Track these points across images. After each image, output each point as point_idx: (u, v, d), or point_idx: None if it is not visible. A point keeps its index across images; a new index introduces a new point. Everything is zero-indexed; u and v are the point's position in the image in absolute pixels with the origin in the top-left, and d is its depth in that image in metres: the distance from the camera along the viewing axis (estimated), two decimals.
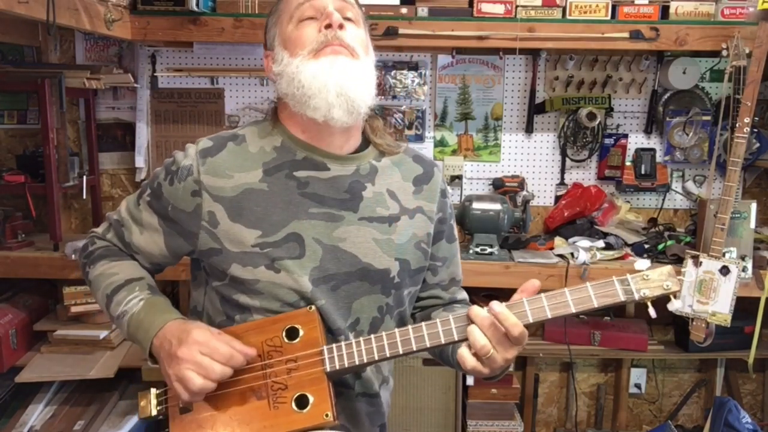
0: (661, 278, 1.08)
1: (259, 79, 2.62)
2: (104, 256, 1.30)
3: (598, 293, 1.07)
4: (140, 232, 1.28)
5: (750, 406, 2.82)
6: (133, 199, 1.31)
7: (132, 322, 1.19)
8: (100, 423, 2.27)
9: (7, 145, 2.66)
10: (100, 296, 1.26)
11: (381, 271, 1.22)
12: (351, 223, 1.22)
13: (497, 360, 1.07)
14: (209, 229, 1.19)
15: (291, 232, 1.18)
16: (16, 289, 2.51)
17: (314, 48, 1.18)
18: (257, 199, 1.19)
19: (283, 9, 1.25)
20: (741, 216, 2.24)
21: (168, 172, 1.24)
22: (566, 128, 2.62)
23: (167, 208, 1.24)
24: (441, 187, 1.35)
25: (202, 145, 1.24)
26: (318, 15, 1.20)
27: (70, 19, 1.86)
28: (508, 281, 2.29)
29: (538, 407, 2.84)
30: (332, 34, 1.18)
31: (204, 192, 1.19)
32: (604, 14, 2.32)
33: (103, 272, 1.27)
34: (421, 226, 1.29)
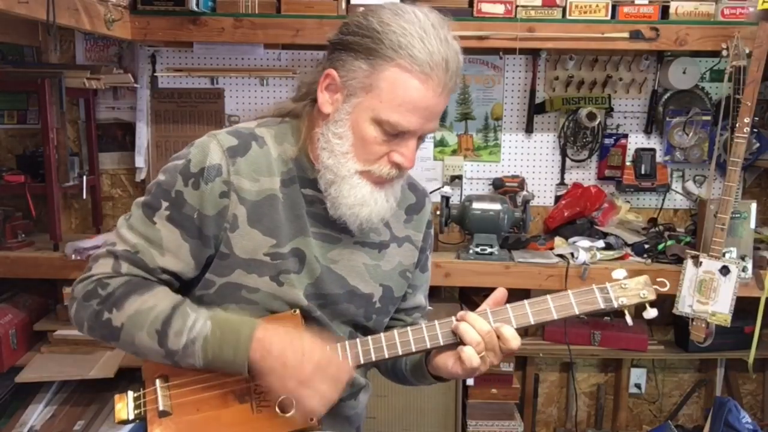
0: (637, 287, 1.14)
1: (259, 79, 2.62)
2: (130, 292, 1.11)
3: (578, 300, 1.12)
4: (162, 254, 1.13)
5: (750, 406, 2.81)
6: (140, 221, 1.14)
7: (209, 345, 1.07)
8: (100, 423, 2.27)
9: (7, 145, 2.66)
10: (146, 336, 1.09)
11: (365, 296, 1.24)
12: (346, 246, 1.22)
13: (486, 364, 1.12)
14: (227, 233, 1.14)
15: (296, 246, 1.17)
16: (16, 289, 2.51)
17: (373, 172, 1.13)
18: (276, 207, 1.16)
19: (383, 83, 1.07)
20: (741, 216, 2.24)
21: (187, 175, 1.12)
22: (566, 128, 2.62)
23: (192, 216, 1.12)
24: (428, 218, 1.37)
25: (226, 142, 1.14)
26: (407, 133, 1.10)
27: (70, 19, 1.86)
28: (508, 281, 2.29)
29: (538, 407, 2.84)
30: (396, 174, 1.14)
31: (233, 193, 1.13)
32: (604, 14, 2.32)
33: (138, 309, 1.09)
34: (408, 255, 1.31)
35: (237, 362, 1.07)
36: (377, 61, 1.07)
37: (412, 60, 1.05)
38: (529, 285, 2.32)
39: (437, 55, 1.06)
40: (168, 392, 1.15)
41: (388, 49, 1.06)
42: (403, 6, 1.10)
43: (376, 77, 1.07)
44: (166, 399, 1.13)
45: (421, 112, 1.08)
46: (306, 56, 2.60)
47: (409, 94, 1.06)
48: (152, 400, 1.14)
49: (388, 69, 1.06)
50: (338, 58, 1.11)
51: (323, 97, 1.13)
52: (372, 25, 1.08)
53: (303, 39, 2.30)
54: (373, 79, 1.07)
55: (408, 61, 1.05)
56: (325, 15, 2.30)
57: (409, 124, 1.08)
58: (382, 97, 1.07)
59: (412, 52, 1.05)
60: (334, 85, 1.12)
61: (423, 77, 1.06)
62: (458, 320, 1.12)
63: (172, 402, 1.14)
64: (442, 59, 1.06)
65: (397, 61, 1.06)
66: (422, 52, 1.05)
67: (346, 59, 1.10)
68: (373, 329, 1.28)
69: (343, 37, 1.12)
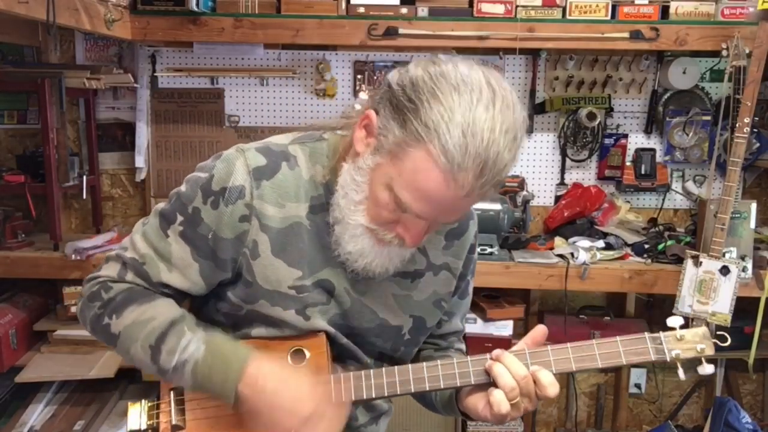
0: (694, 339, 1.04)
1: (259, 79, 2.62)
2: (130, 300, 1.07)
3: (628, 350, 1.04)
4: (168, 269, 1.08)
5: (750, 406, 2.81)
6: (154, 231, 1.09)
7: (199, 370, 1.03)
8: (100, 423, 2.27)
9: (7, 145, 2.66)
10: (140, 350, 1.05)
11: (394, 328, 1.17)
12: (374, 277, 1.12)
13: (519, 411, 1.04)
14: (248, 259, 1.07)
15: (324, 278, 1.10)
16: (16, 289, 2.51)
17: (375, 230, 1.03)
18: (302, 236, 1.07)
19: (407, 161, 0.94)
20: (741, 216, 2.24)
21: (208, 193, 1.05)
22: (566, 128, 2.62)
23: (207, 236, 1.06)
24: (472, 242, 1.25)
25: (253, 161, 1.05)
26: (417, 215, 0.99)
27: (70, 19, 1.86)
28: (508, 281, 2.30)
29: (538, 407, 2.83)
30: (397, 244, 1.05)
31: (254, 218, 1.05)
32: (604, 14, 2.32)
33: (136, 320, 1.05)
34: (445, 284, 1.21)
35: (225, 393, 1.02)
36: (409, 134, 0.94)
37: (443, 150, 0.90)
38: (529, 285, 2.32)
39: (474, 156, 0.90)
40: (183, 406, 1.12)
41: (424, 128, 0.92)
42: (472, 77, 0.95)
43: (403, 150, 0.95)
44: (179, 413, 1.11)
45: (435, 205, 0.96)
46: (306, 56, 2.60)
47: (427, 184, 0.93)
48: (166, 413, 1.11)
49: (418, 150, 0.93)
50: (383, 104, 0.99)
51: (359, 133, 1.02)
52: (419, 95, 0.94)
53: (303, 39, 2.30)
54: (399, 150, 0.95)
55: (438, 150, 0.91)
56: (325, 15, 2.30)
57: (419, 211, 0.97)
58: (402, 174, 0.96)
59: (445, 142, 0.90)
60: (370, 126, 1.01)
61: (448, 174, 0.92)
62: (493, 359, 1.04)
63: (186, 417, 1.11)
64: (479, 163, 0.91)
65: (428, 147, 0.92)
66: (457, 146, 0.90)
67: (386, 110, 0.98)
68: (400, 359, 1.21)
69: (394, 84, 0.99)
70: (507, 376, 1.02)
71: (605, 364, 1.04)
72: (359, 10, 2.32)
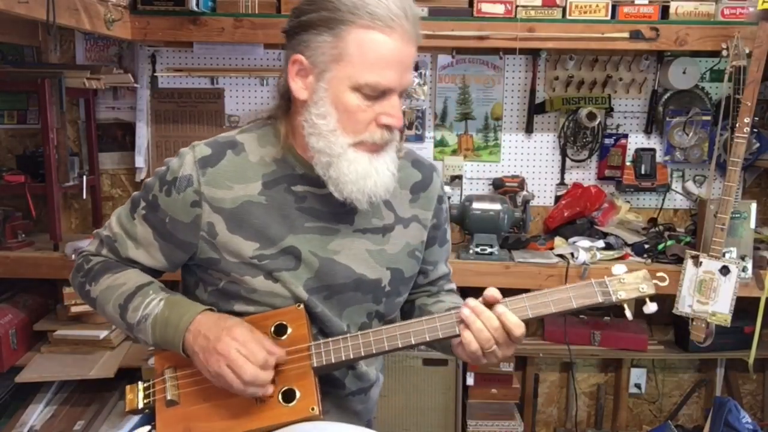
0: (636, 281, 1.13)
1: (259, 79, 2.62)
2: (105, 269, 1.25)
3: (576, 294, 1.12)
4: (135, 246, 1.24)
5: (750, 406, 2.81)
6: (125, 213, 1.26)
7: (158, 322, 1.15)
8: (100, 423, 2.27)
9: (7, 145, 2.66)
10: (111, 309, 1.21)
11: (373, 281, 1.24)
12: (346, 235, 1.22)
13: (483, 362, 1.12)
14: (208, 239, 1.18)
15: (288, 245, 1.18)
16: (16, 289, 2.51)
17: (365, 140, 1.12)
18: (256, 212, 1.17)
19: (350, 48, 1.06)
20: (741, 216, 2.24)
21: (163, 182, 1.19)
22: (566, 128, 2.62)
23: (164, 220, 1.20)
24: (439, 194, 1.34)
25: (199, 152, 1.18)
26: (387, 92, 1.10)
27: (70, 19, 1.86)
28: (508, 281, 2.29)
29: (538, 407, 2.84)
30: (389, 137, 1.14)
31: (204, 203, 1.17)
32: (604, 14, 2.32)
33: (110, 285, 1.22)
34: (415, 235, 1.30)
35: (175, 342, 1.13)
36: (339, 28, 1.06)
37: (372, 16, 1.05)
38: (529, 285, 2.31)
39: (394, 6, 1.06)
40: (176, 382, 1.18)
41: (346, 14, 1.05)
42: None
43: (343, 44, 1.07)
44: (174, 389, 1.17)
45: (394, 65, 1.08)
46: None
47: (378, 50, 1.06)
48: (161, 390, 1.18)
49: (352, 32, 1.06)
50: (300, 42, 1.11)
51: (296, 84, 1.13)
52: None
53: None
54: (340, 48, 1.07)
55: (368, 19, 1.05)
56: None
57: (387, 80, 1.08)
58: (354, 62, 1.07)
59: (370, 9, 1.05)
60: (303, 69, 1.11)
61: (387, 30, 1.06)
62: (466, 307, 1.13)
63: (180, 392, 1.17)
64: (400, 9, 1.07)
65: (357, 23, 1.05)
66: (379, 6, 1.05)
67: (308, 39, 1.10)
68: (386, 312, 1.28)
69: (298, 20, 1.12)
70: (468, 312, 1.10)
71: (558, 308, 1.12)
72: None
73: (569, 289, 1.12)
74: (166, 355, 1.21)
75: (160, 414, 1.16)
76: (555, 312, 1.12)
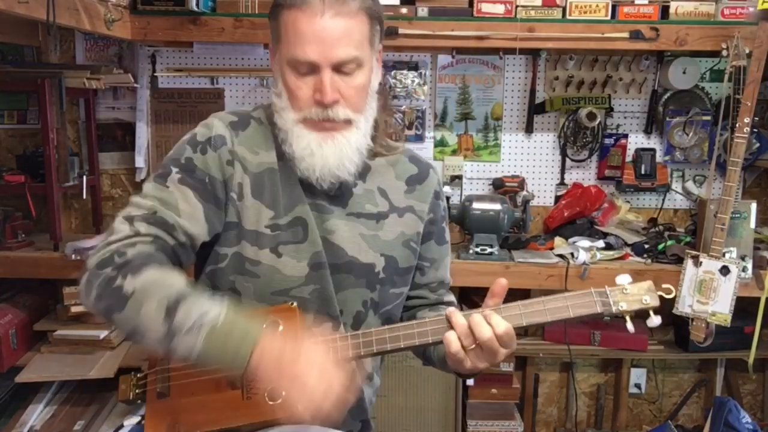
0: (640, 293, 1.08)
1: (260, 79, 2.62)
2: (150, 262, 1.09)
3: (574, 303, 1.09)
4: (178, 215, 1.15)
5: (750, 406, 2.81)
6: (153, 187, 1.17)
7: (215, 336, 1.02)
8: (100, 423, 2.27)
9: (7, 145, 2.66)
10: (154, 306, 1.04)
11: (366, 266, 1.25)
12: (340, 217, 1.25)
13: (467, 365, 1.10)
14: (234, 201, 1.21)
15: (297, 216, 1.22)
16: (16, 289, 2.51)
17: (307, 117, 1.18)
18: (274, 179, 1.22)
19: (281, 28, 1.18)
20: (741, 216, 2.24)
21: (196, 144, 1.21)
22: (566, 128, 2.62)
23: (204, 179, 1.19)
24: (436, 189, 1.37)
25: (227, 118, 1.25)
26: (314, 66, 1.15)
27: (70, 19, 1.85)
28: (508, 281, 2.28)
29: (538, 407, 2.84)
30: (324, 114, 1.17)
31: (237, 162, 1.21)
32: (604, 14, 2.32)
33: (157, 280, 1.06)
34: (411, 225, 1.32)
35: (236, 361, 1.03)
36: (275, 13, 1.19)
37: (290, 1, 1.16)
38: (529, 285, 2.31)
39: None
40: (168, 374, 1.19)
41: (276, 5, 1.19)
42: None
43: (278, 26, 1.19)
44: (164, 381, 1.18)
45: (313, 39, 1.14)
46: None
47: (297, 27, 1.14)
48: (153, 381, 1.19)
49: (283, 14, 1.17)
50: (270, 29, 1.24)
51: (272, 66, 1.25)
52: None
53: None
54: (277, 30, 1.19)
55: (289, 1, 1.16)
56: None
57: (306, 54, 1.14)
58: (285, 41, 1.17)
59: None
60: (272, 52, 1.25)
61: (303, 7, 1.14)
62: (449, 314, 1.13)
63: (170, 384, 1.18)
64: None
65: (285, 7, 1.17)
66: None
67: (270, 26, 1.23)
68: (381, 302, 1.28)
69: None
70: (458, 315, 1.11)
71: (554, 317, 1.09)
72: None
73: (567, 298, 1.10)
74: None
75: (149, 405, 1.18)
76: (550, 321, 1.10)
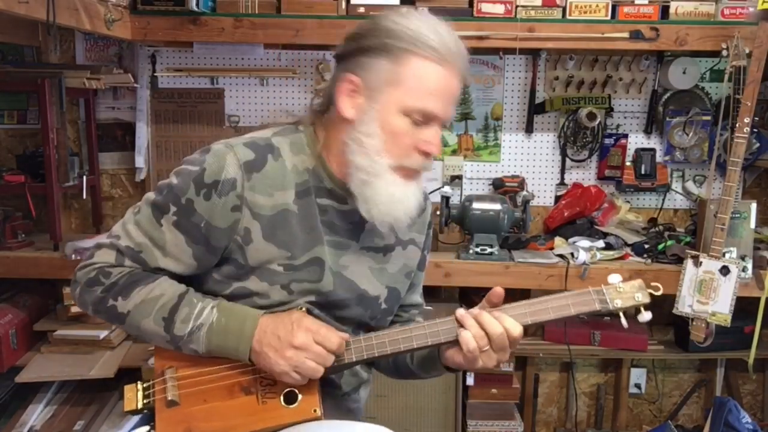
0: (632, 290, 1.16)
1: (259, 79, 2.62)
2: (134, 283, 1.16)
3: (575, 301, 1.16)
4: (164, 255, 1.17)
5: (750, 406, 2.81)
6: (147, 220, 1.18)
7: (215, 331, 1.14)
8: (100, 423, 2.27)
9: (7, 145, 2.66)
10: (152, 323, 1.15)
11: (373, 298, 1.28)
12: (354, 252, 1.26)
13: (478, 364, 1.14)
14: (240, 244, 1.17)
15: (314, 256, 1.20)
16: (16, 289, 2.51)
17: (405, 165, 1.16)
18: (291, 221, 1.19)
19: (407, 74, 1.13)
20: (741, 216, 2.24)
21: (200, 185, 1.14)
22: (566, 128, 2.62)
23: (200, 225, 1.15)
24: (428, 220, 1.41)
25: (243, 155, 1.15)
26: (432, 119, 1.15)
27: (70, 19, 1.86)
28: (508, 281, 2.29)
29: (538, 407, 2.84)
30: (426, 164, 1.18)
31: (245, 208, 1.15)
32: (604, 14, 2.32)
33: (146, 298, 1.15)
34: (412, 258, 1.36)
35: (240, 350, 1.13)
36: (399, 55, 1.12)
37: (432, 49, 1.12)
38: (529, 285, 2.32)
39: (450, 42, 1.14)
40: (176, 382, 1.18)
41: (408, 43, 1.12)
42: (404, 8, 1.22)
43: (400, 70, 1.13)
44: (174, 389, 1.17)
45: (445, 96, 1.15)
46: (306, 56, 2.60)
47: (432, 80, 1.13)
48: (161, 390, 1.18)
49: (411, 60, 1.12)
50: (356, 64, 1.16)
51: (344, 103, 1.16)
52: (387, 26, 1.15)
53: (303, 39, 2.30)
54: (397, 73, 1.13)
55: (428, 51, 1.12)
56: (325, 15, 2.30)
57: (436, 108, 1.14)
58: (408, 87, 1.13)
59: (430, 43, 1.12)
60: (355, 89, 1.16)
61: (443, 63, 1.13)
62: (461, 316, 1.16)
63: (180, 392, 1.17)
64: (455, 45, 1.15)
65: (417, 52, 1.12)
66: (437, 42, 1.13)
67: (365, 61, 1.15)
68: (376, 327, 1.31)
69: (357, 43, 1.17)
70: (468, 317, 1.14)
71: (557, 315, 1.15)
72: (359, 10, 2.32)
73: (568, 297, 1.16)
74: (166, 355, 1.20)
75: (160, 414, 1.16)
76: (554, 318, 1.16)
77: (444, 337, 1.15)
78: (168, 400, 1.15)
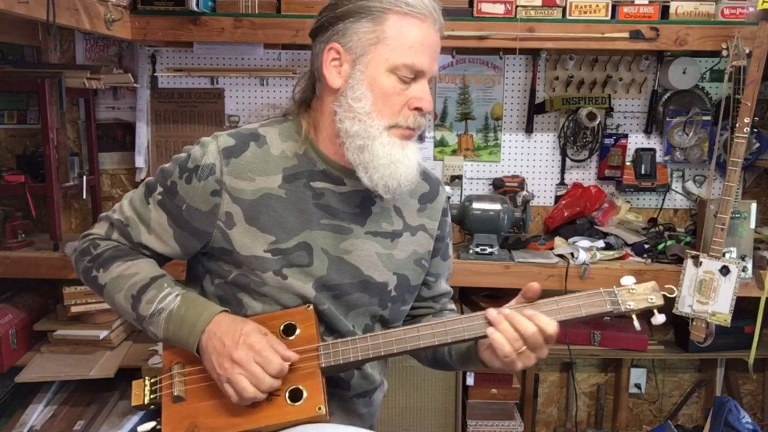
0: (645, 292, 1.15)
1: (259, 79, 2.62)
2: (116, 256, 1.23)
3: (585, 302, 1.15)
4: (148, 232, 1.23)
5: (750, 406, 2.82)
6: (138, 197, 1.25)
7: (173, 319, 1.16)
8: (100, 423, 2.27)
9: (7, 145, 2.66)
10: (122, 298, 1.20)
11: (380, 284, 1.26)
12: (358, 236, 1.24)
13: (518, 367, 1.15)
14: (224, 230, 1.19)
15: (302, 241, 1.20)
16: (16, 289, 2.51)
17: (399, 124, 1.16)
18: (274, 205, 1.19)
19: (389, 32, 1.14)
20: (741, 216, 2.24)
21: (184, 169, 1.20)
22: (566, 128, 2.62)
23: (181, 207, 1.20)
24: (443, 206, 1.38)
25: (223, 142, 1.20)
26: (419, 75, 1.16)
27: (70, 19, 1.85)
28: (508, 281, 2.29)
29: (538, 407, 2.84)
30: (420, 121, 1.18)
31: (224, 192, 1.18)
32: (604, 14, 2.32)
33: (122, 273, 1.21)
34: (422, 244, 1.33)
35: (189, 341, 1.15)
36: (378, 15, 1.14)
37: (408, 6, 1.14)
38: None
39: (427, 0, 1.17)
40: (183, 378, 1.18)
41: (385, 2, 1.14)
42: None
43: (381, 29, 1.14)
44: (180, 385, 1.17)
45: (428, 50, 1.16)
46: (306, 56, 2.60)
47: (414, 34, 1.14)
48: (168, 386, 1.18)
49: (390, 17, 1.14)
50: (336, 32, 1.17)
51: (330, 73, 1.18)
52: None
53: (303, 39, 2.30)
54: (378, 33, 1.14)
55: (405, 8, 1.14)
56: None
57: (422, 63, 1.15)
58: (392, 45, 1.14)
59: (407, 0, 1.15)
60: (338, 57, 1.17)
61: (422, 17, 1.15)
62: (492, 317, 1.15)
63: (186, 388, 1.17)
64: (430, 3, 1.17)
65: (395, 10, 1.14)
66: None
67: (344, 27, 1.16)
68: (390, 319, 1.29)
69: (334, 12, 1.18)
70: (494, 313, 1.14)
71: (567, 316, 1.15)
72: None
73: (578, 298, 1.15)
74: (175, 351, 1.21)
75: (166, 410, 1.16)
76: (564, 320, 1.14)
77: (469, 334, 1.14)
78: (174, 396, 1.16)
